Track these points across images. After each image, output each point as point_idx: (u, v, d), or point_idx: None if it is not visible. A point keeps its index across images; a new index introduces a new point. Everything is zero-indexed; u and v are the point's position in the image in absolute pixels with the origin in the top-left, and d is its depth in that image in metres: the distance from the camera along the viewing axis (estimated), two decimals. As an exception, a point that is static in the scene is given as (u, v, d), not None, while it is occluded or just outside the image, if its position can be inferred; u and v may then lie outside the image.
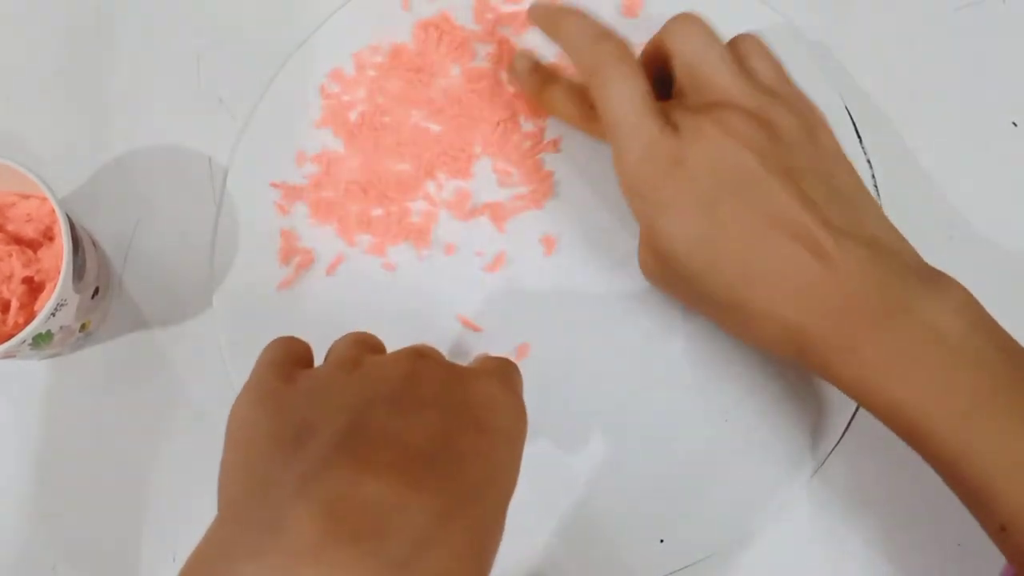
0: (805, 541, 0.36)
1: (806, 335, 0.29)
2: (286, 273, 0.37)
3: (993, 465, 0.27)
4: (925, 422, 0.28)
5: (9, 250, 0.34)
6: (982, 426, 0.27)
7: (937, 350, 0.28)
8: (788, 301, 0.29)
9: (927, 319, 0.28)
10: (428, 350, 0.28)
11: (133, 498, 0.36)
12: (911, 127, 0.39)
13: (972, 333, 0.28)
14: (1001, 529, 0.27)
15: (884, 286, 0.28)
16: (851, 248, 0.28)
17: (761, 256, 0.29)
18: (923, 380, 0.28)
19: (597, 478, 0.36)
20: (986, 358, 0.28)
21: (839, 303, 0.28)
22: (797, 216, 0.29)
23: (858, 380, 0.29)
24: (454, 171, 0.38)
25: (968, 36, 0.39)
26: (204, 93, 0.39)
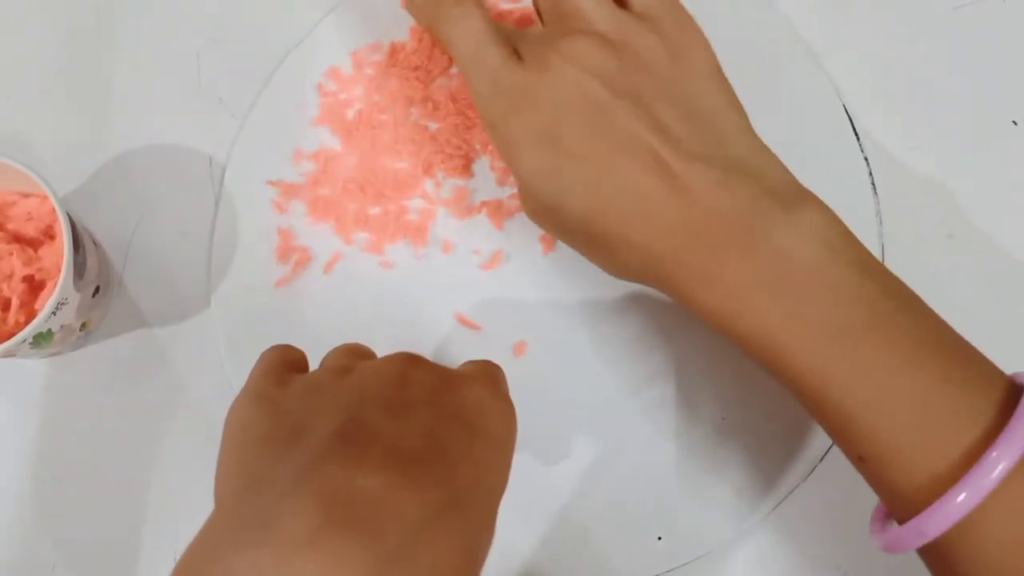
0: (802, 539, 0.36)
1: (663, 263, 0.28)
2: (283, 271, 0.37)
3: (851, 396, 0.26)
4: (785, 352, 0.27)
5: (10, 249, 0.34)
6: (840, 355, 0.26)
7: (791, 277, 0.27)
8: (641, 228, 0.28)
9: (784, 245, 0.27)
10: (417, 356, 0.28)
11: (133, 497, 0.36)
12: (911, 127, 0.39)
13: (830, 259, 0.27)
14: (859, 459, 0.27)
15: (739, 211, 0.27)
16: (702, 171, 0.27)
17: (610, 184, 0.28)
18: (781, 310, 0.27)
19: (594, 476, 0.36)
20: (844, 284, 0.27)
21: (693, 229, 0.27)
22: (644, 140, 0.28)
23: (716, 309, 0.28)
24: (452, 169, 0.38)
25: (968, 35, 0.39)
26: (204, 92, 0.39)
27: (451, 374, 0.28)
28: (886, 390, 0.26)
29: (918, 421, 0.26)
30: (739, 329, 0.28)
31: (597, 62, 0.29)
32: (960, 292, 0.37)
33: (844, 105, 0.38)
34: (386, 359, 0.28)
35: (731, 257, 0.27)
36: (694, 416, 0.36)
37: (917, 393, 0.26)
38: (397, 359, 0.28)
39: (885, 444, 0.26)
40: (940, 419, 0.26)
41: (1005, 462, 0.24)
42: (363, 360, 0.29)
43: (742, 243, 0.27)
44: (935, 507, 0.25)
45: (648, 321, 0.37)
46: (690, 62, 0.30)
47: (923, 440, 0.26)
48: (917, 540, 0.26)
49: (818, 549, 0.36)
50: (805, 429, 0.36)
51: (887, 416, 0.26)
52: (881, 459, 0.26)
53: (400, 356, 0.28)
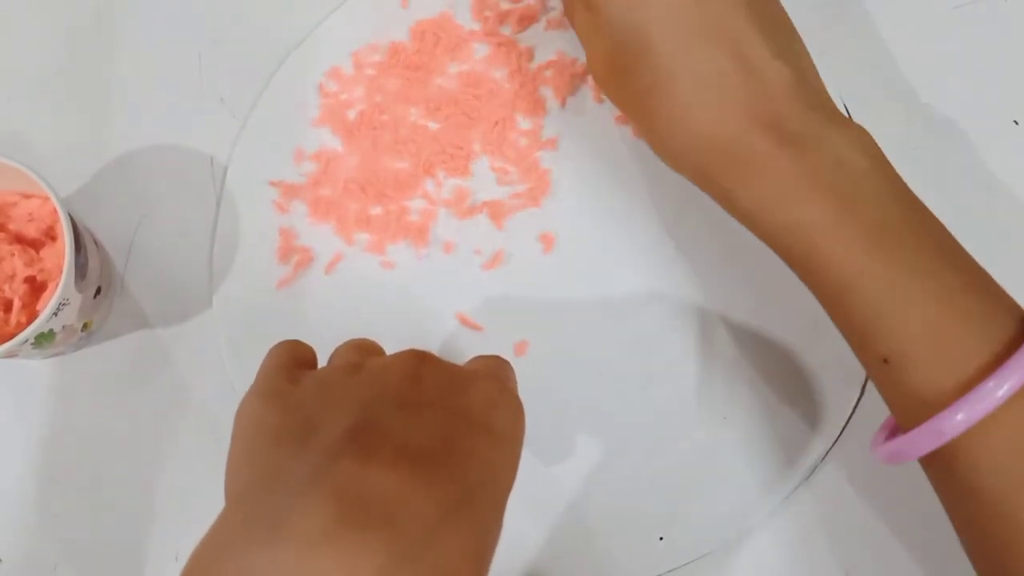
0: (803, 539, 0.36)
1: (716, 145, 0.29)
2: (285, 271, 0.37)
3: (884, 296, 0.27)
4: (820, 248, 0.28)
5: (11, 249, 0.34)
6: (877, 256, 0.27)
7: (841, 180, 0.28)
8: (708, 109, 0.29)
9: (835, 150, 0.28)
10: (427, 353, 0.28)
11: (134, 497, 0.37)
12: (911, 126, 0.39)
13: (874, 171, 0.28)
14: (884, 361, 0.28)
15: (801, 112, 0.29)
16: (780, 67, 0.29)
17: (693, 57, 0.29)
18: (824, 206, 0.28)
19: (596, 476, 0.36)
20: (887, 196, 0.28)
21: (755, 117, 0.29)
22: (736, 24, 0.29)
23: (757, 200, 0.29)
24: (452, 169, 0.38)
25: (968, 34, 0.39)
26: (205, 93, 0.39)
27: (461, 372, 0.28)
28: (915, 290, 0.27)
29: (945, 324, 0.26)
30: (779, 221, 0.29)
31: None
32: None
33: (845, 105, 0.38)
34: (396, 357, 0.28)
35: (790, 152, 0.28)
36: (695, 416, 0.36)
37: (944, 296, 0.27)
38: (407, 357, 0.28)
39: (911, 343, 0.27)
40: (966, 324, 0.26)
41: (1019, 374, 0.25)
42: (373, 357, 0.29)
43: (803, 143, 0.28)
44: (953, 407, 0.25)
45: (650, 321, 0.37)
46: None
47: (949, 343, 0.26)
48: (933, 441, 0.26)
49: (819, 549, 0.36)
50: (807, 430, 0.36)
51: (917, 314, 0.27)
52: (905, 360, 0.27)
53: (410, 354, 0.28)
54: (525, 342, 0.37)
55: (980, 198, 0.38)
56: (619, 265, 0.37)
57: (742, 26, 0.29)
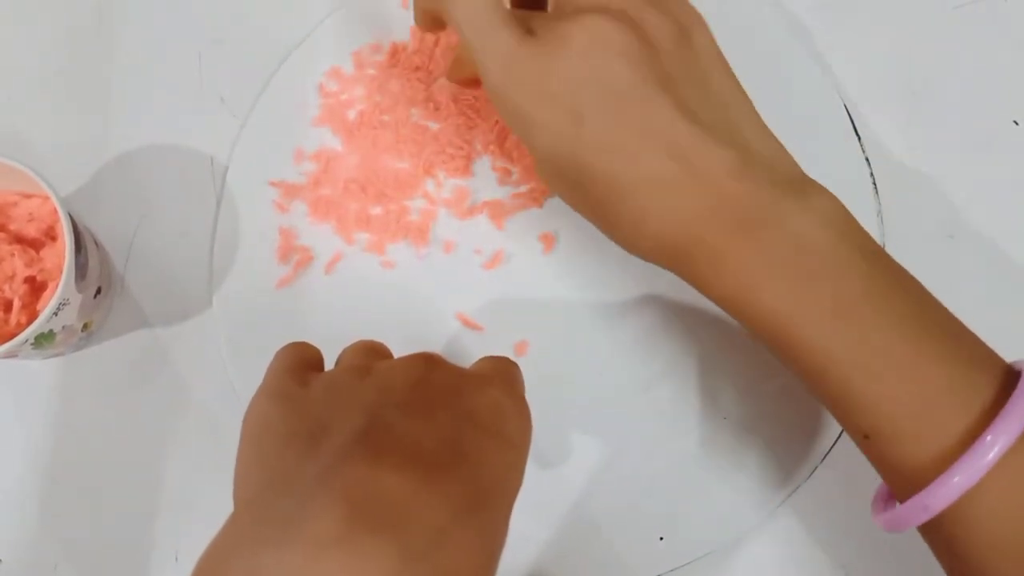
0: (805, 539, 0.36)
1: (677, 247, 0.28)
2: (285, 271, 0.37)
3: (853, 371, 0.27)
4: (791, 331, 0.27)
5: (11, 249, 0.34)
6: (844, 333, 0.27)
7: (802, 260, 0.27)
8: (658, 214, 0.28)
9: (793, 230, 0.27)
10: (436, 357, 0.28)
11: (135, 497, 0.37)
12: (911, 126, 0.39)
13: (839, 243, 0.28)
14: (865, 437, 0.28)
15: (752, 198, 0.27)
16: (720, 159, 0.27)
17: (632, 169, 0.28)
18: (788, 289, 0.27)
19: (596, 476, 0.36)
20: (851, 266, 0.27)
21: (708, 215, 0.28)
22: (670, 126, 0.27)
23: (728, 291, 0.28)
24: (453, 169, 0.38)
25: (968, 35, 0.39)
26: (205, 92, 0.39)
27: (469, 376, 0.28)
28: (887, 366, 0.27)
29: (919, 398, 0.26)
30: (748, 310, 0.28)
31: (622, 41, 0.27)
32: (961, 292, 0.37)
33: (845, 105, 0.38)
34: (405, 360, 0.28)
35: (743, 240, 0.28)
36: (696, 416, 0.36)
37: (918, 370, 0.26)
38: (416, 360, 0.28)
39: (887, 420, 0.27)
40: (941, 396, 0.26)
41: (1004, 440, 0.25)
42: (381, 359, 0.29)
43: (754, 228, 0.28)
44: (938, 483, 0.25)
45: (650, 321, 0.37)
46: (696, 42, 0.30)
47: (925, 417, 0.26)
48: (920, 516, 0.26)
49: (820, 549, 0.36)
50: (807, 430, 0.36)
51: (888, 392, 0.27)
52: (883, 436, 0.27)
53: (419, 357, 0.28)
54: (525, 342, 0.37)
55: (980, 198, 0.38)
56: (619, 265, 0.37)
57: (668, 118, 0.27)
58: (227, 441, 0.37)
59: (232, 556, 0.22)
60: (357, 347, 0.30)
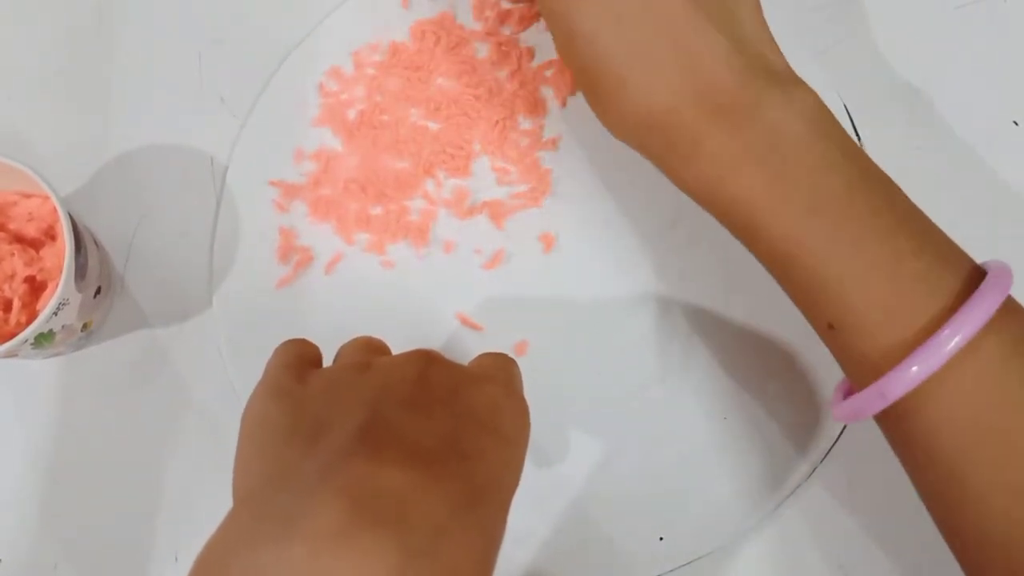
0: (804, 539, 0.36)
1: (654, 123, 0.29)
2: (285, 271, 0.37)
3: (825, 264, 0.27)
4: (762, 220, 0.28)
5: (11, 249, 0.34)
6: (817, 226, 0.27)
7: (778, 150, 0.28)
8: (642, 85, 0.29)
9: (772, 121, 0.28)
10: (435, 354, 0.29)
11: (135, 497, 0.37)
12: (911, 126, 0.39)
13: (817, 138, 0.28)
14: (829, 327, 0.28)
15: (737, 84, 0.28)
16: (711, 42, 0.28)
17: (625, 34, 0.28)
18: (762, 178, 0.28)
19: (596, 476, 0.36)
20: (827, 160, 0.28)
21: (691, 95, 0.28)
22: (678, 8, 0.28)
23: (700, 175, 0.29)
24: (453, 169, 0.38)
25: (969, 35, 0.39)
26: (205, 92, 0.39)
27: (468, 372, 0.28)
28: (857, 259, 0.27)
29: (886, 290, 0.27)
30: (720, 196, 0.29)
31: None
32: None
33: (845, 105, 0.38)
34: (404, 357, 0.28)
35: (723, 125, 0.28)
36: (696, 416, 0.36)
37: (886, 264, 0.27)
38: (415, 357, 0.28)
39: (853, 311, 0.27)
40: (908, 289, 0.26)
41: (965, 331, 0.25)
42: (379, 355, 0.29)
43: (735, 114, 0.28)
44: (896, 370, 0.26)
45: (650, 321, 0.37)
46: None
47: (891, 308, 0.27)
48: (878, 404, 0.27)
49: (819, 549, 0.36)
50: (807, 430, 0.36)
51: (856, 284, 0.27)
52: (848, 326, 0.27)
53: (418, 354, 0.28)
54: (525, 342, 0.37)
55: (980, 198, 0.38)
56: (619, 265, 0.37)
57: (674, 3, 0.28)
58: (227, 441, 0.36)
59: (232, 552, 0.22)
60: (356, 343, 0.30)
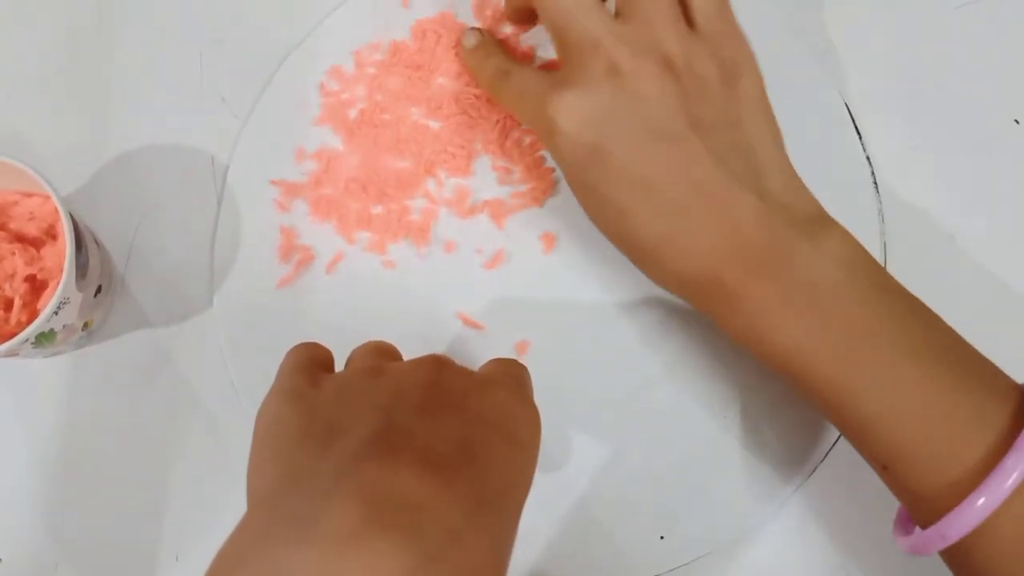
0: (804, 538, 0.36)
1: (695, 282, 0.30)
2: (286, 271, 0.37)
3: (870, 404, 0.28)
4: (807, 365, 0.29)
5: (12, 248, 0.34)
6: (860, 369, 0.28)
7: (817, 299, 0.28)
8: (677, 250, 0.30)
9: (808, 271, 0.29)
10: (446, 359, 0.29)
11: (136, 496, 0.36)
12: (912, 126, 0.39)
13: (852, 280, 0.29)
14: (884, 468, 0.28)
15: (769, 239, 0.29)
16: (744, 201, 0.29)
17: (658, 200, 0.30)
18: (804, 328, 0.28)
19: (597, 475, 0.36)
20: (865, 301, 0.28)
21: (728, 253, 0.29)
22: (697, 166, 0.29)
23: (745, 327, 0.30)
24: (454, 169, 0.38)
25: (969, 34, 0.39)
26: (206, 92, 0.39)
27: (480, 378, 0.28)
28: (903, 398, 0.27)
29: (935, 428, 0.27)
30: (765, 346, 0.29)
31: (659, 87, 0.30)
32: (962, 291, 0.37)
33: (846, 104, 0.38)
34: (416, 362, 0.28)
35: (759, 281, 0.29)
36: (697, 416, 0.36)
37: (933, 401, 0.27)
38: (427, 362, 0.28)
39: (905, 451, 0.27)
40: (956, 426, 0.27)
41: (1019, 471, 0.25)
42: (391, 360, 0.29)
43: (771, 268, 0.29)
44: (955, 512, 0.26)
45: (651, 321, 0.37)
46: (742, 87, 0.31)
47: (941, 447, 0.27)
48: (939, 544, 0.27)
49: (820, 549, 0.36)
50: (807, 430, 0.36)
51: (905, 423, 0.27)
52: (902, 466, 0.28)
53: (430, 359, 0.28)
54: (527, 342, 0.37)
55: (980, 198, 0.38)
56: (620, 265, 0.37)
57: (705, 162, 0.29)
58: (228, 441, 0.37)
59: (248, 554, 0.22)
60: (367, 348, 0.31)
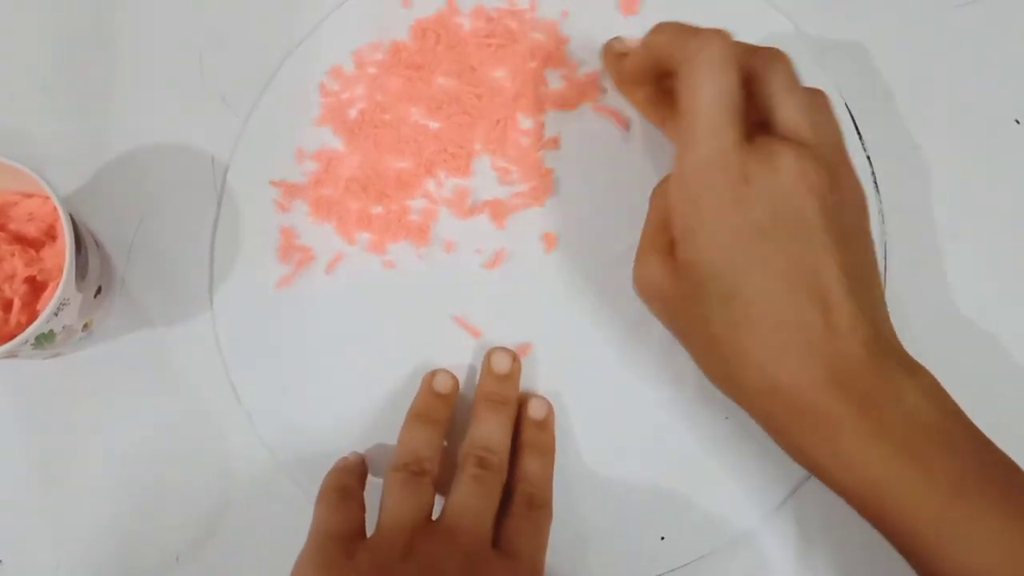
0: (805, 538, 0.36)
1: (781, 393, 0.28)
2: (286, 271, 0.37)
3: (964, 554, 0.27)
4: (893, 507, 0.28)
5: (12, 249, 0.34)
6: (957, 515, 0.27)
7: (914, 436, 0.28)
8: (786, 360, 0.28)
9: (906, 404, 0.28)
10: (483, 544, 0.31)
11: (135, 497, 0.36)
12: (912, 125, 0.38)
13: (946, 423, 0.28)
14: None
15: (875, 368, 0.28)
16: (861, 322, 0.28)
17: (780, 304, 0.28)
18: (897, 465, 0.27)
19: (598, 475, 0.36)
20: (960, 448, 0.28)
21: (829, 372, 0.28)
22: (830, 280, 0.28)
23: (828, 455, 0.28)
24: (454, 169, 0.38)
25: (970, 33, 0.39)
26: (206, 92, 0.39)
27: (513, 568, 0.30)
28: (1001, 547, 0.27)
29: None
30: (854, 479, 0.28)
31: (821, 183, 0.29)
32: (963, 291, 0.37)
33: (846, 103, 0.38)
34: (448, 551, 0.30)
35: (857, 409, 0.28)
36: (698, 416, 0.36)
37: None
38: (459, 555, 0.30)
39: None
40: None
41: None
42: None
43: (871, 398, 0.28)
44: None
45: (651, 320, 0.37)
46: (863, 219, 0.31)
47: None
48: None
49: (820, 549, 0.36)
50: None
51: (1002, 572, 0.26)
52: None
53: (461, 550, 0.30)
54: (528, 344, 0.37)
55: (981, 197, 0.38)
56: (621, 264, 0.37)
57: (830, 274, 0.28)
58: (228, 440, 0.37)
59: None
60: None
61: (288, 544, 0.31)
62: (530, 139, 0.38)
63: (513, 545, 0.31)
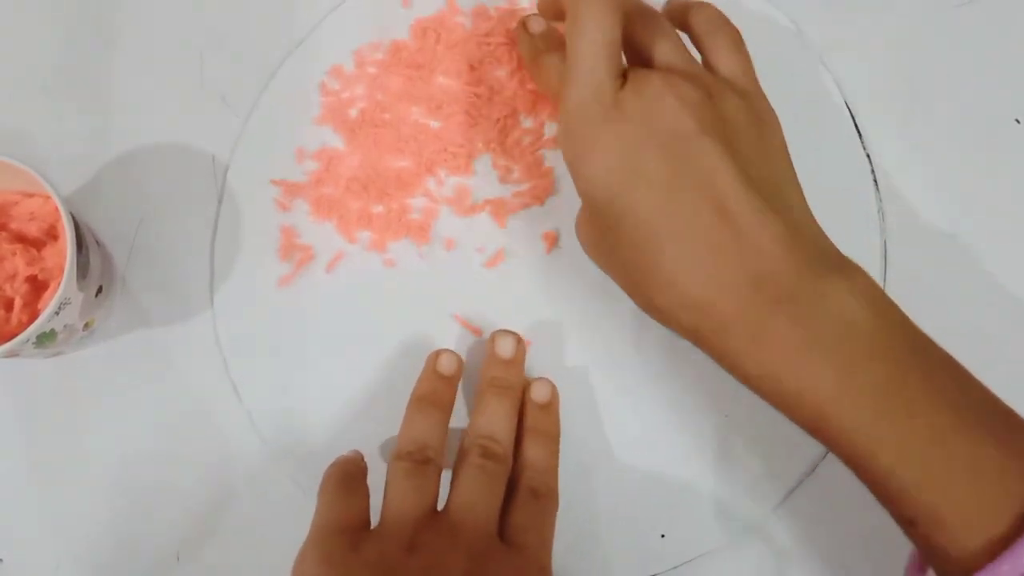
0: (805, 537, 0.36)
1: (704, 309, 0.28)
2: (286, 270, 0.37)
3: (903, 459, 0.26)
4: (832, 413, 0.27)
5: (13, 248, 0.34)
6: (890, 423, 0.26)
7: (845, 341, 0.27)
8: (695, 271, 0.27)
9: (836, 307, 0.27)
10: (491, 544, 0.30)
11: (136, 496, 0.36)
12: (912, 125, 0.39)
13: (883, 324, 0.27)
14: (910, 523, 0.27)
15: (797, 270, 0.27)
16: (769, 224, 0.27)
17: (676, 216, 0.28)
18: (831, 370, 0.26)
19: (598, 473, 0.36)
20: (897, 348, 0.27)
21: (748, 281, 0.27)
22: (725, 184, 0.27)
23: (762, 367, 0.27)
24: (454, 168, 0.38)
25: (970, 33, 0.39)
26: (207, 91, 0.39)
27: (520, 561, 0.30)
28: (935, 457, 0.26)
29: (967, 484, 0.26)
30: (784, 389, 0.27)
31: (693, 97, 0.29)
32: (963, 290, 0.37)
33: (846, 103, 0.38)
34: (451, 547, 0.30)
35: (787, 314, 0.27)
36: (697, 414, 0.36)
37: (968, 458, 0.26)
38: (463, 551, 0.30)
39: (934, 507, 0.26)
40: (988, 487, 0.26)
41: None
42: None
43: (798, 302, 0.27)
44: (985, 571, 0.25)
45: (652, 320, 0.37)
46: (765, 136, 0.30)
47: (973, 504, 0.26)
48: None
49: (820, 548, 0.36)
50: (808, 427, 0.36)
51: (939, 480, 0.26)
52: (929, 522, 0.26)
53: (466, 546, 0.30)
54: (527, 342, 0.37)
55: (980, 198, 0.38)
56: (621, 264, 0.37)
57: (724, 178, 0.27)
58: (228, 441, 0.37)
59: None
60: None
61: (288, 543, 0.31)
62: (531, 138, 0.38)
63: (519, 538, 0.31)
